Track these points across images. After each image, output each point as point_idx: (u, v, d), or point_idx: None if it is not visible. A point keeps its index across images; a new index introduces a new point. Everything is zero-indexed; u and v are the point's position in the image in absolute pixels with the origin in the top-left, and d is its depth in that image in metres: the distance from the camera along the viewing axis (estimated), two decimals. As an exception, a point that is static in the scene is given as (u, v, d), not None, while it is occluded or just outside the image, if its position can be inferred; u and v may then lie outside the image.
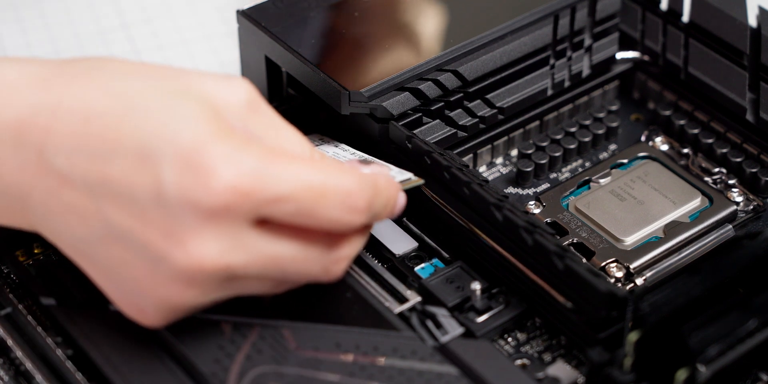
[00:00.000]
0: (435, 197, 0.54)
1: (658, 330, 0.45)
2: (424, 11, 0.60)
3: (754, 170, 0.58)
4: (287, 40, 0.57)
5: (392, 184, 0.49)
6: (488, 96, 0.58)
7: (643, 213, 0.55)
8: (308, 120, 0.59)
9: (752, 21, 0.58)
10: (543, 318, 0.51)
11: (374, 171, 0.50)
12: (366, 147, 0.56)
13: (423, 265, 0.53)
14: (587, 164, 0.60)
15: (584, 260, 0.53)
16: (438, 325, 0.50)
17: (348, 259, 0.47)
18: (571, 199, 0.57)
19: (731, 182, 0.58)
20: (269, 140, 0.46)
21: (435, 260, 0.54)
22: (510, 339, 0.51)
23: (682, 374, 0.44)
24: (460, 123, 0.57)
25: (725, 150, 0.59)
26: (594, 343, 0.48)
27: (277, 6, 0.59)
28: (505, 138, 0.60)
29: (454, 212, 0.53)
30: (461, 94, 0.57)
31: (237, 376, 0.47)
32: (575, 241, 0.54)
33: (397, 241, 0.54)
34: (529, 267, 0.50)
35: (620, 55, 0.63)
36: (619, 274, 0.53)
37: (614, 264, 0.53)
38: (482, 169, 0.60)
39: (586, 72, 0.61)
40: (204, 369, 0.47)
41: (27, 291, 0.52)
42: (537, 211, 0.56)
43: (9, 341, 0.50)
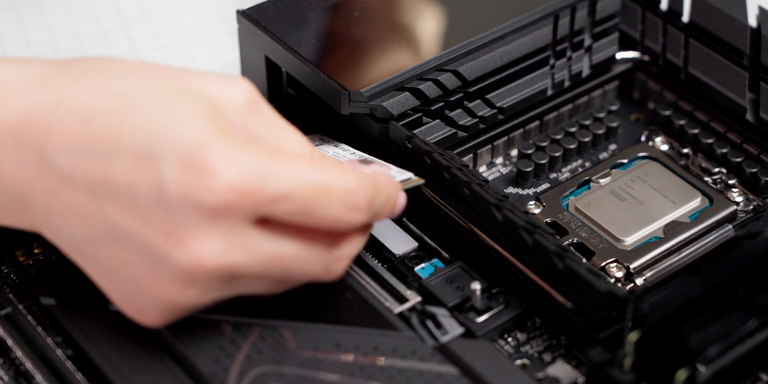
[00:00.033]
0: (435, 197, 0.54)
1: (658, 330, 0.45)
2: (424, 11, 0.60)
3: (754, 170, 0.58)
4: (287, 40, 0.57)
5: (392, 184, 0.49)
6: (488, 96, 0.58)
7: (643, 213, 0.55)
8: (308, 120, 0.59)
9: (752, 21, 0.58)
10: (543, 318, 0.51)
11: (374, 171, 0.50)
12: (366, 147, 0.56)
13: (423, 265, 0.53)
14: (587, 164, 0.60)
15: (584, 260, 0.53)
16: (438, 325, 0.50)
17: (348, 258, 0.47)
18: (571, 199, 0.57)
19: (731, 182, 0.58)
20: (269, 140, 0.46)
21: (435, 260, 0.54)
22: (510, 339, 0.51)
23: (682, 374, 0.44)
24: (460, 123, 0.57)
25: (725, 150, 0.59)
26: (594, 343, 0.48)
27: (277, 6, 0.59)
28: (505, 138, 0.60)
29: (454, 212, 0.53)
30: (461, 94, 0.57)
31: (237, 376, 0.47)
32: (575, 241, 0.54)
33: (397, 241, 0.54)
34: (529, 267, 0.50)
35: (620, 55, 0.63)
36: (619, 274, 0.53)
37: (614, 264, 0.53)
38: (482, 169, 0.60)
39: (586, 72, 0.61)
40: (204, 369, 0.47)
41: (27, 291, 0.52)
42: (537, 211, 0.56)
43: (9, 341, 0.50)
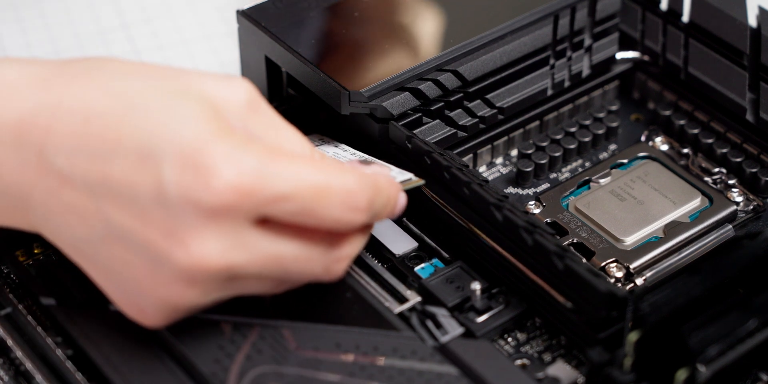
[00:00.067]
0: (435, 197, 0.54)
1: (658, 330, 0.45)
2: (424, 11, 0.60)
3: (754, 170, 0.58)
4: (287, 40, 0.57)
5: (393, 184, 0.49)
6: (488, 96, 0.58)
7: (643, 213, 0.55)
8: (308, 120, 0.59)
9: (752, 21, 0.58)
10: (543, 318, 0.51)
11: (375, 171, 0.50)
12: (366, 147, 0.56)
13: (423, 265, 0.53)
14: (587, 164, 0.60)
15: (584, 260, 0.53)
16: (438, 325, 0.50)
17: (349, 259, 0.47)
18: (571, 199, 0.57)
19: (731, 182, 0.58)
20: (269, 140, 0.46)
21: (435, 260, 0.54)
22: (510, 339, 0.51)
23: (682, 374, 0.44)
24: (460, 123, 0.57)
25: (725, 150, 0.59)
26: (594, 343, 0.48)
27: (277, 6, 0.59)
28: (505, 138, 0.60)
29: (454, 212, 0.53)
30: (461, 94, 0.57)
31: (237, 376, 0.47)
32: (575, 241, 0.54)
33: (397, 241, 0.54)
34: (529, 267, 0.50)
35: (620, 55, 0.63)
36: (619, 274, 0.53)
37: (614, 264, 0.53)
38: (482, 169, 0.60)
39: (586, 72, 0.61)
40: (204, 369, 0.47)
41: (27, 291, 0.52)
42: (537, 211, 0.56)
43: (9, 341, 0.50)
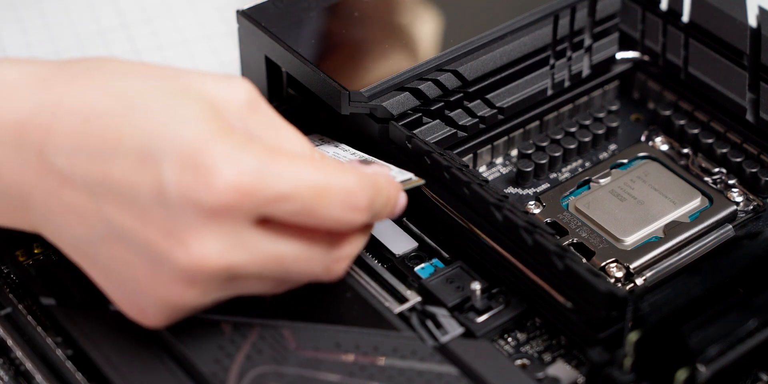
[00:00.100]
0: (435, 197, 0.54)
1: (658, 330, 0.45)
2: (424, 11, 0.60)
3: (754, 170, 0.58)
4: (287, 40, 0.57)
5: (393, 184, 0.49)
6: (488, 96, 0.58)
7: (643, 213, 0.55)
8: (308, 120, 0.59)
9: (752, 21, 0.58)
10: (543, 318, 0.51)
11: (375, 171, 0.50)
12: (366, 147, 0.56)
13: (423, 265, 0.53)
14: (587, 164, 0.60)
15: (584, 260, 0.53)
16: (438, 325, 0.50)
17: (349, 259, 0.47)
18: (571, 199, 0.57)
19: (731, 182, 0.58)
20: (269, 140, 0.46)
21: (435, 260, 0.54)
22: (510, 339, 0.51)
23: (682, 374, 0.44)
24: (460, 123, 0.57)
25: (725, 150, 0.59)
26: (594, 343, 0.48)
27: (277, 6, 0.59)
28: (505, 138, 0.60)
29: (454, 212, 0.53)
30: (461, 94, 0.57)
31: (237, 376, 0.47)
32: (575, 241, 0.54)
33: (397, 241, 0.54)
34: (529, 267, 0.50)
35: (620, 55, 0.63)
36: (619, 274, 0.53)
37: (614, 264, 0.53)
38: (482, 169, 0.60)
39: (586, 72, 0.61)
40: (204, 369, 0.47)
41: (27, 291, 0.52)
42: (537, 211, 0.56)
43: (9, 341, 0.50)
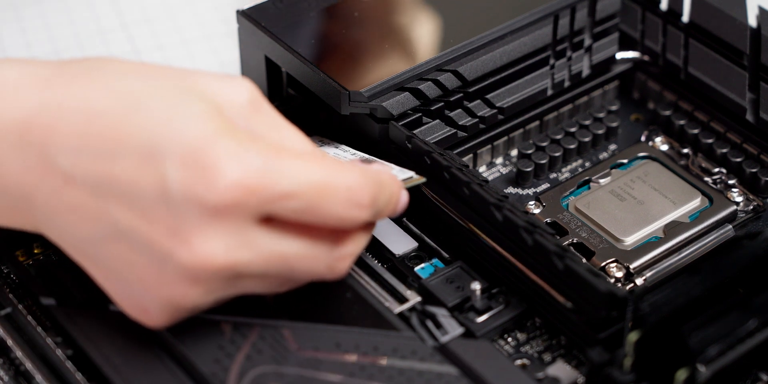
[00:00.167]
0: (435, 197, 0.54)
1: (658, 330, 0.45)
2: (424, 11, 0.60)
3: (754, 170, 0.58)
4: (287, 40, 0.57)
5: (395, 181, 0.49)
6: (488, 96, 0.58)
7: (643, 213, 0.55)
8: (308, 120, 0.59)
9: (752, 21, 0.58)
10: (543, 318, 0.51)
11: (377, 169, 0.49)
12: (366, 147, 0.56)
13: (423, 265, 0.53)
14: (587, 164, 0.60)
15: (584, 260, 0.53)
16: (438, 325, 0.50)
17: (352, 257, 0.47)
18: (571, 199, 0.57)
19: (731, 182, 0.58)
20: (272, 139, 0.46)
21: (435, 260, 0.54)
22: (510, 339, 0.51)
23: (682, 374, 0.44)
24: (460, 123, 0.57)
25: (725, 150, 0.59)
26: (594, 343, 0.48)
27: (277, 6, 0.59)
28: (505, 138, 0.60)
29: (454, 212, 0.53)
30: (461, 94, 0.57)
31: (237, 376, 0.47)
32: (575, 241, 0.54)
33: (397, 241, 0.54)
34: (529, 267, 0.50)
35: (620, 55, 0.63)
36: (619, 274, 0.53)
37: (614, 264, 0.53)
38: (482, 169, 0.60)
39: (586, 72, 0.61)
40: (204, 369, 0.47)
41: (27, 291, 0.52)
42: (537, 211, 0.56)
43: (9, 341, 0.50)
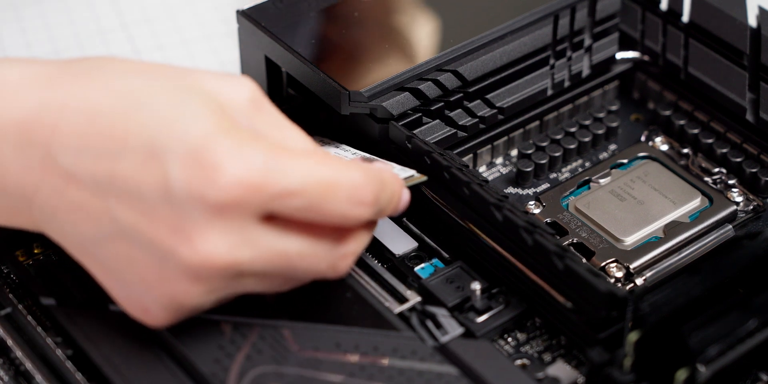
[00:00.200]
0: (435, 197, 0.54)
1: (658, 330, 0.45)
2: (424, 11, 0.60)
3: (754, 170, 0.58)
4: (287, 40, 0.57)
5: (397, 179, 0.49)
6: (488, 96, 0.58)
7: (643, 213, 0.55)
8: (308, 120, 0.58)
9: (752, 21, 0.58)
10: (543, 318, 0.51)
11: (378, 167, 0.49)
12: (366, 147, 0.56)
13: (423, 265, 0.53)
14: (587, 164, 0.60)
15: (584, 260, 0.53)
16: (438, 325, 0.50)
17: (354, 255, 0.47)
18: (571, 199, 0.57)
19: (731, 182, 0.58)
20: (274, 138, 0.46)
21: (435, 260, 0.54)
22: (510, 339, 0.51)
23: (682, 374, 0.44)
24: (460, 123, 0.57)
25: (725, 150, 0.59)
26: (594, 343, 0.48)
27: (277, 6, 0.59)
28: (505, 138, 0.60)
29: (454, 212, 0.53)
30: (461, 94, 0.57)
31: (237, 376, 0.47)
32: (575, 241, 0.54)
33: (397, 241, 0.54)
34: (529, 267, 0.50)
35: (620, 55, 0.63)
36: (619, 274, 0.53)
37: (614, 264, 0.53)
38: (482, 169, 0.60)
39: (586, 72, 0.61)
40: (204, 369, 0.47)
41: (27, 291, 0.52)
42: (537, 211, 0.56)
43: (9, 341, 0.50)
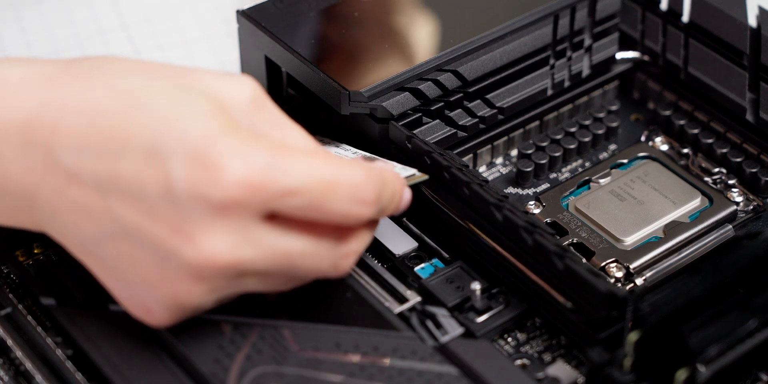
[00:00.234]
0: (435, 197, 0.54)
1: (658, 330, 0.45)
2: (424, 11, 0.60)
3: (754, 170, 0.58)
4: (287, 40, 0.57)
5: (398, 178, 0.49)
6: (488, 96, 0.58)
7: (643, 213, 0.55)
8: (308, 120, 0.58)
9: (752, 21, 0.58)
10: (543, 318, 0.51)
11: (380, 166, 0.49)
12: (366, 147, 0.56)
13: (423, 265, 0.53)
14: (587, 164, 0.60)
15: (584, 260, 0.53)
16: (438, 325, 0.50)
17: (356, 254, 0.47)
18: (571, 199, 0.57)
19: (731, 182, 0.58)
20: (275, 137, 0.46)
21: (435, 260, 0.54)
22: (510, 339, 0.51)
23: (682, 374, 0.44)
24: (460, 123, 0.57)
25: (725, 150, 0.59)
26: (594, 343, 0.48)
27: (277, 6, 0.59)
28: (505, 138, 0.60)
29: (454, 212, 0.53)
30: (461, 94, 0.57)
31: (237, 376, 0.47)
32: (575, 241, 0.54)
33: (397, 241, 0.54)
34: (529, 267, 0.50)
35: (620, 55, 0.63)
36: (619, 274, 0.53)
37: (614, 264, 0.53)
38: (482, 169, 0.60)
39: (586, 72, 0.61)
40: (204, 369, 0.47)
41: (27, 291, 0.52)
42: (537, 211, 0.56)
43: (9, 341, 0.50)
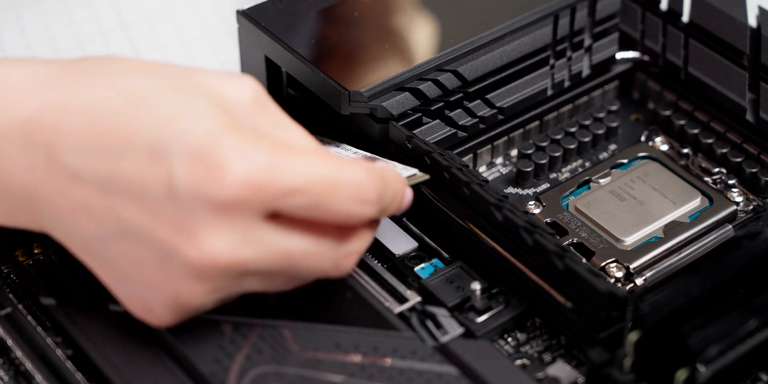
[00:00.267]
0: (435, 197, 0.54)
1: (658, 330, 0.45)
2: (424, 11, 0.60)
3: (754, 170, 0.58)
4: (287, 40, 0.57)
5: (400, 178, 0.49)
6: (488, 96, 0.58)
7: (643, 213, 0.55)
8: (308, 120, 0.58)
9: (752, 21, 0.58)
10: (543, 318, 0.51)
11: (381, 166, 0.49)
12: (366, 147, 0.56)
13: (423, 265, 0.53)
14: (587, 164, 0.60)
15: (584, 260, 0.53)
16: (438, 325, 0.50)
17: (358, 254, 0.47)
18: (571, 199, 0.57)
19: (731, 182, 0.58)
20: (277, 137, 0.46)
21: (435, 260, 0.54)
22: (510, 339, 0.51)
23: (682, 374, 0.44)
24: (460, 123, 0.57)
25: (725, 150, 0.59)
26: (594, 343, 0.48)
27: (277, 6, 0.59)
28: (505, 138, 0.60)
29: (454, 212, 0.53)
30: (461, 94, 0.57)
31: (237, 376, 0.47)
32: (575, 241, 0.54)
33: (397, 241, 0.54)
34: (529, 267, 0.50)
35: (620, 55, 0.63)
36: (619, 274, 0.53)
37: (614, 264, 0.53)
38: (482, 169, 0.60)
39: (586, 72, 0.61)
40: (204, 369, 0.47)
41: (27, 291, 0.52)
42: (537, 211, 0.56)
43: (9, 341, 0.50)
